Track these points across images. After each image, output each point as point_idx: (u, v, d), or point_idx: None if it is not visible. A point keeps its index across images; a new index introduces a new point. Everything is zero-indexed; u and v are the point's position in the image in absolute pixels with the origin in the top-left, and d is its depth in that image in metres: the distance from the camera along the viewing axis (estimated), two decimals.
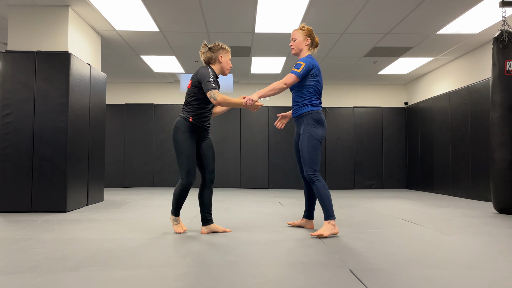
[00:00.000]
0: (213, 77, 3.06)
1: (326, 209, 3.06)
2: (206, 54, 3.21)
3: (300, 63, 3.18)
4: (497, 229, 3.44)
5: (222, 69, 3.24)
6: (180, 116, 3.17)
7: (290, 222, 3.60)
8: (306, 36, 3.32)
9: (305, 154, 3.13)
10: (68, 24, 4.81)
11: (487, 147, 5.80)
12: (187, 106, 3.14)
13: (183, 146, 3.08)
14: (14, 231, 3.26)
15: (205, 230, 3.21)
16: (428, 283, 1.87)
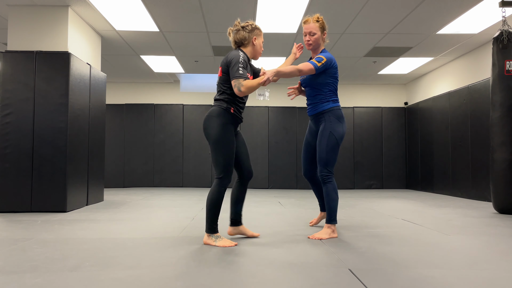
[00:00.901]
0: (243, 62, 2.72)
1: (331, 212, 3.03)
2: (240, 33, 2.84)
3: (322, 57, 3.04)
4: (497, 229, 3.44)
5: (254, 53, 2.93)
6: (217, 106, 2.76)
7: (312, 223, 3.57)
8: (322, 30, 3.15)
9: (323, 154, 3.03)
10: (68, 24, 4.81)
11: (487, 147, 5.80)
12: (223, 95, 2.77)
13: (225, 141, 2.70)
14: (14, 231, 3.26)
15: (233, 231, 2.94)
16: (428, 283, 1.87)
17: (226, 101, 2.76)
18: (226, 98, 2.76)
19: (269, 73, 2.73)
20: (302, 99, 9.15)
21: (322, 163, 3.04)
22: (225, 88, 2.77)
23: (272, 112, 9.11)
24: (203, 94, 9.18)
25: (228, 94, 2.76)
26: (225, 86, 2.77)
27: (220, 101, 2.77)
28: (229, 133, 2.73)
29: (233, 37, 2.88)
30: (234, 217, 2.94)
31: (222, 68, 2.79)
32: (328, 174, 3.04)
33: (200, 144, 9.00)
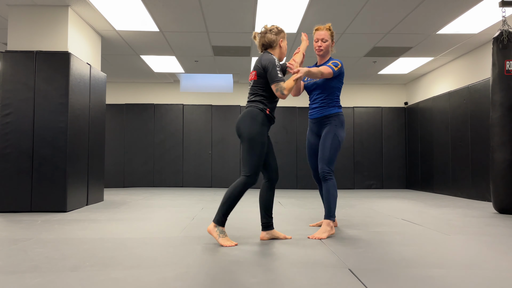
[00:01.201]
0: (279, 65, 2.81)
1: (330, 208, 3.10)
2: (268, 36, 2.91)
3: (338, 62, 3.19)
4: (497, 229, 3.44)
5: (281, 55, 2.98)
6: (253, 107, 2.81)
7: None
8: (332, 38, 3.34)
9: (326, 152, 3.14)
10: (68, 24, 4.81)
11: (487, 147, 5.80)
12: (259, 97, 2.83)
13: (260, 141, 2.75)
14: (14, 231, 3.26)
15: (266, 235, 2.91)
16: (428, 283, 1.87)
17: (262, 103, 2.84)
18: (262, 100, 2.84)
19: (303, 71, 2.87)
20: (302, 100, 9.15)
21: (325, 161, 3.14)
22: (261, 91, 2.85)
23: None
24: (203, 94, 9.19)
25: (263, 96, 2.85)
26: (261, 89, 2.85)
27: (256, 102, 2.84)
28: (263, 134, 2.80)
29: (260, 40, 2.96)
30: (267, 221, 2.94)
31: (257, 72, 2.86)
32: (330, 171, 3.14)
33: (200, 144, 9.00)
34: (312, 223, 3.72)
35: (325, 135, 3.18)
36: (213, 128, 9.06)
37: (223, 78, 9.04)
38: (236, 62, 7.32)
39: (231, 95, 9.19)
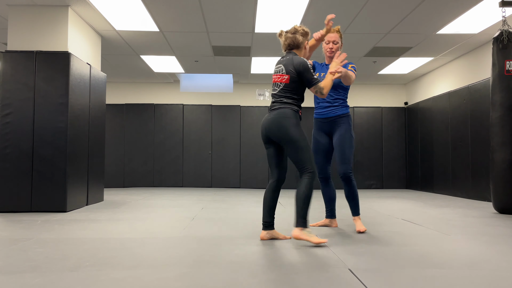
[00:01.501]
0: (310, 66, 2.86)
1: (358, 206, 3.37)
2: (297, 38, 2.90)
3: (355, 66, 3.35)
4: (497, 229, 3.44)
5: (304, 56, 3.02)
6: (289, 108, 2.84)
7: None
8: (341, 40, 3.42)
9: (347, 154, 3.29)
10: (68, 24, 4.81)
11: (487, 147, 5.80)
12: (292, 100, 2.86)
13: (304, 137, 2.83)
14: (14, 231, 3.26)
15: (266, 235, 2.92)
16: (428, 283, 1.87)
17: (295, 105, 2.89)
18: (294, 102, 2.88)
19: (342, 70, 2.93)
20: None
21: (347, 162, 3.30)
22: (292, 94, 2.87)
23: None
24: (203, 94, 9.19)
25: (295, 99, 2.89)
26: (292, 92, 2.87)
27: (290, 104, 2.87)
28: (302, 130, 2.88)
29: (287, 40, 2.93)
30: (269, 220, 2.94)
31: (290, 76, 2.85)
32: (352, 172, 3.34)
33: (200, 144, 9.00)
34: (312, 223, 3.72)
35: (342, 136, 3.30)
36: (213, 128, 9.06)
37: (223, 78, 9.04)
38: (236, 62, 7.32)
39: (231, 95, 9.19)
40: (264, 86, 9.26)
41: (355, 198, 3.33)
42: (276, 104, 2.90)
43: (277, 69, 2.94)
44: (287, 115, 2.83)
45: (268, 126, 2.87)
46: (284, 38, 2.95)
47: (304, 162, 2.80)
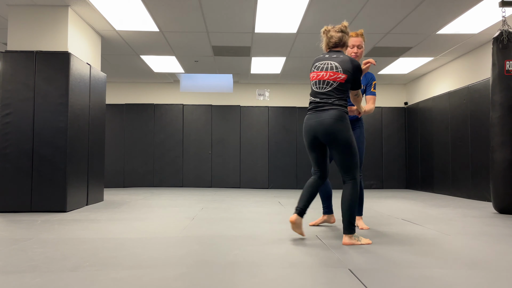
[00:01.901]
0: None
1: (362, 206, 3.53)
2: (345, 36, 2.85)
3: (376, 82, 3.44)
4: (497, 229, 3.44)
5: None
6: (340, 110, 2.75)
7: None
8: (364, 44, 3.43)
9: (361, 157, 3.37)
10: (68, 24, 4.81)
11: (487, 147, 5.80)
12: (341, 101, 2.78)
13: (354, 142, 2.78)
14: (14, 231, 3.26)
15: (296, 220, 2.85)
16: (428, 283, 1.87)
17: (345, 106, 2.81)
18: (344, 104, 2.81)
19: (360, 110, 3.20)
20: (302, 100, 9.15)
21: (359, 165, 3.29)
22: (344, 95, 2.81)
23: (272, 112, 9.11)
24: (203, 94, 9.19)
25: (345, 100, 2.82)
26: (344, 93, 2.81)
27: (341, 106, 2.77)
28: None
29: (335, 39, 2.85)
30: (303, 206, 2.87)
31: (347, 76, 2.77)
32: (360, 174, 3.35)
33: (200, 144, 9.00)
34: (312, 222, 3.72)
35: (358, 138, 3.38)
36: (213, 128, 9.06)
37: (223, 78, 9.04)
38: (236, 62, 7.32)
39: (231, 95, 9.19)
40: (264, 86, 9.26)
41: (360, 197, 3.39)
42: (325, 105, 2.76)
43: (326, 65, 2.80)
44: (342, 118, 2.73)
45: (322, 129, 2.74)
46: (330, 36, 2.85)
47: (352, 168, 2.76)
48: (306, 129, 2.85)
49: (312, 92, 2.88)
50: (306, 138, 2.88)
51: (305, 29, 5.53)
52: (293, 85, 9.24)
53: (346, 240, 2.74)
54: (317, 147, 2.86)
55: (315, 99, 2.83)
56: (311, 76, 2.89)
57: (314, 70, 2.87)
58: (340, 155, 2.76)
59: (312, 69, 2.89)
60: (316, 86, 2.84)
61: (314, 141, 2.84)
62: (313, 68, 2.88)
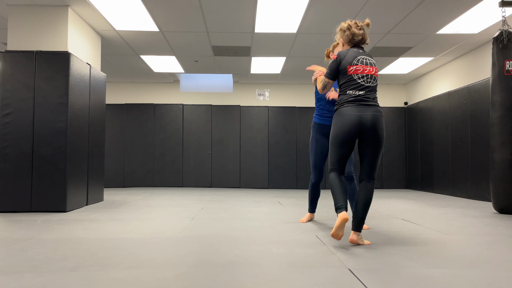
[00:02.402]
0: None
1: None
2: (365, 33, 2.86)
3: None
4: (497, 229, 3.44)
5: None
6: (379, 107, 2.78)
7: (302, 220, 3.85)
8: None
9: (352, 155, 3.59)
10: (68, 24, 4.81)
11: (487, 147, 5.80)
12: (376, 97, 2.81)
13: None
14: (14, 231, 3.26)
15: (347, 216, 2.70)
16: (428, 283, 1.87)
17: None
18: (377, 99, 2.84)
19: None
20: (302, 100, 9.15)
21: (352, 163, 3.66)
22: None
23: (272, 112, 9.11)
24: (203, 94, 9.19)
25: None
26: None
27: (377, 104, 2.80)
28: None
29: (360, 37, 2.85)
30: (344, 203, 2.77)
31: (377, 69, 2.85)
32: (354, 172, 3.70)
33: (200, 144, 9.00)
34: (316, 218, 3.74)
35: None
36: (213, 128, 9.05)
37: (223, 78, 9.04)
38: (236, 62, 7.32)
39: (231, 95, 9.19)
40: (264, 86, 9.26)
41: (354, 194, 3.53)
42: (370, 100, 2.73)
43: (369, 61, 2.78)
44: (382, 114, 2.74)
45: (370, 123, 2.66)
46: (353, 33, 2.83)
47: (377, 167, 2.79)
48: (348, 120, 2.69)
49: (351, 83, 2.75)
50: (345, 130, 2.71)
51: (305, 29, 5.53)
52: (293, 85, 9.24)
53: (354, 237, 2.71)
54: (351, 142, 2.75)
55: (359, 92, 2.73)
56: (354, 69, 2.74)
57: (357, 64, 2.76)
58: (374, 152, 2.73)
59: (354, 62, 2.76)
60: (363, 79, 2.76)
61: (353, 135, 2.71)
62: (355, 61, 2.76)
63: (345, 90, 2.77)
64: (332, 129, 2.79)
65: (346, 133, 2.71)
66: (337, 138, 2.75)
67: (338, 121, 2.73)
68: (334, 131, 2.77)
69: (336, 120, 2.76)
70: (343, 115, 2.72)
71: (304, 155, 8.98)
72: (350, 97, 2.74)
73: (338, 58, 2.81)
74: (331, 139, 2.80)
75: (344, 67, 2.77)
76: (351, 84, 2.76)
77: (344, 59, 2.78)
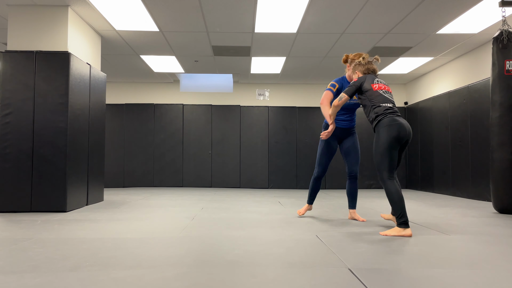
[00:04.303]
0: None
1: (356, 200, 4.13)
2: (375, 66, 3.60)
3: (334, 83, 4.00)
4: (497, 229, 3.44)
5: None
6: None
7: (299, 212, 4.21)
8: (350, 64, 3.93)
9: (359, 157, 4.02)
10: (68, 24, 4.81)
11: (487, 147, 5.80)
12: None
13: None
14: (14, 231, 3.26)
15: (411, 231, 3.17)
16: (428, 283, 1.87)
17: None
18: None
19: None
20: (302, 100, 9.15)
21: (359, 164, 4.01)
22: None
23: (272, 112, 9.11)
24: (203, 94, 9.19)
25: None
26: None
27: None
28: None
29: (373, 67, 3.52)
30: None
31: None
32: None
33: (200, 144, 9.01)
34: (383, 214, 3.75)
35: (356, 142, 3.98)
36: (213, 128, 9.05)
37: (223, 78, 9.04)
38: (236, 62, 7.32)
39: (231, 95, 9.19)
40: (264, 86, 9.26)
41: (356, 193, 4.02)
42: (397, 111, 3.26)
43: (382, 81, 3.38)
44: None
45: (409, 131, 3.17)
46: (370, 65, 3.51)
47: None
48: (401, 127, 3.11)
49: (382, 97, 3.27)
50: (400, 135, 3.11)
51: (305, 29, 5.53)
52: (293, 85, 9.24)
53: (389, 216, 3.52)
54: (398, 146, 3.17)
55: (389, 104, 3.25)
56: (378, 86, 3.32)
57: (375, 83, 3.34)
58: (401, 154, 3.33)
59: (374, 81, 3.34)
60: (387, 94, 3.31)
61: (401, 140, 3.14)
62: (374, 81, 3.34)
63: (378, 104, 3.25)
64: (385, 136, 3.12)
65: (397, 138, 3.12)
66: (393, 141, 3.11)
67: (390, 128, 3.11)
68: (390, 136, 3.11)
69: (387, 128, 3.12)
70: (390, 124, 3.13)
71: (304, 155, 8.98)
72: (385, 109, 3.22)
73: (359, 81, 3.38)
74: (386, 145, 3.11)
75: (368, 86, 3.33)
76: (381, 98, 3.27)
77: (366, 81, 3.36)
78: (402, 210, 3.04)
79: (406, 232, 3.02)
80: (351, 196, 4.02)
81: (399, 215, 3.04)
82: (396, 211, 3.05)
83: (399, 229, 3.05)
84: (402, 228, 3.04)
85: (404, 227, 3.03)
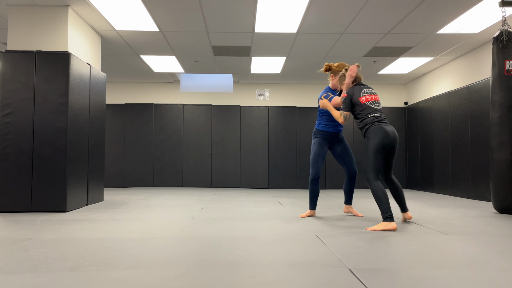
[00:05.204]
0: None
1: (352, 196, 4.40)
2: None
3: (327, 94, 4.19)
4: (497, 229, 3.44)
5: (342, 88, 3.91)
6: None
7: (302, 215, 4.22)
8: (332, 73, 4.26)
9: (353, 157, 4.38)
10: (68, 24, 4.81)
11: (487, 147, 5.80)
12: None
13: None
14: (14, 231, 3.26)
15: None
16: (428, 283, 1.87)
17: None
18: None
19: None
20: (302, 100, 9.16)
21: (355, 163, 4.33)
22: None
23: (272, 112, 9.11)
24: (203, 94, 9.19)
25: None
26: None
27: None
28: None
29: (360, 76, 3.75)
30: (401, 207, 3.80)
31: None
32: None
33: (200, 144, 9.01)
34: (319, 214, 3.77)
35: (346, 145, 4.28)
36: (213, 128, 9.06)
37: (223, 78, 9.03)
38: (236, 62, 7.32)
39: (231, 95, 9.19)
40: (264, 86, 9.27)
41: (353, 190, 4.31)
42: (385, 119, 3.58)
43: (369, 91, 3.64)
44: None
45: (395, 137, 3.50)
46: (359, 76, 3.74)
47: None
48: (386, 134, 3.44)
49: (369, 109, 3.56)
50: (384, 141, 3.43)
51: (305, 29, 5.53)
52: (293, 85, 9.24)
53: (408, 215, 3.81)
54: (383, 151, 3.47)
55: (376, 114, 3.54)
56: (365, 98, 3.59)
57: (364, 95, 3.60)
58: (392, 158, 3.60)
59: (361, 94, 3.60)
60: (375, 104, 3.59)
61: (388, 145, 3.45)
62: (362, 93, 3.60)
63: (366, 115, 3.55)
64: (372, 142, 3.43)
65: (385, 143, 3.43)
66: (378, 146, 3.41)
67: (376, 135, 3.43)
68: (375, 143, 3.42)
69: (373, 135, 3.44)
70: (378, 131, 3.45)
71: (304, 155, 8.98)
72: (374, 118, 3.52)
73: (348, 96, 3.64)
74: (372, 150, 3.42)
75: (356, 99, 3.60)
76: (369, 110, 3.55)
77: (354, 95, 3.63)
78: (387, 206, 3.31)
79: (392, 225, 3.26)
80: (349, 193, 4.30)
81: (384, 210, 3.31)
82: (381, 207, 3.32)
83: (385, 223, 3.29)
84: (388, 222, 3.28)
85: (389, 221, 3.28)
